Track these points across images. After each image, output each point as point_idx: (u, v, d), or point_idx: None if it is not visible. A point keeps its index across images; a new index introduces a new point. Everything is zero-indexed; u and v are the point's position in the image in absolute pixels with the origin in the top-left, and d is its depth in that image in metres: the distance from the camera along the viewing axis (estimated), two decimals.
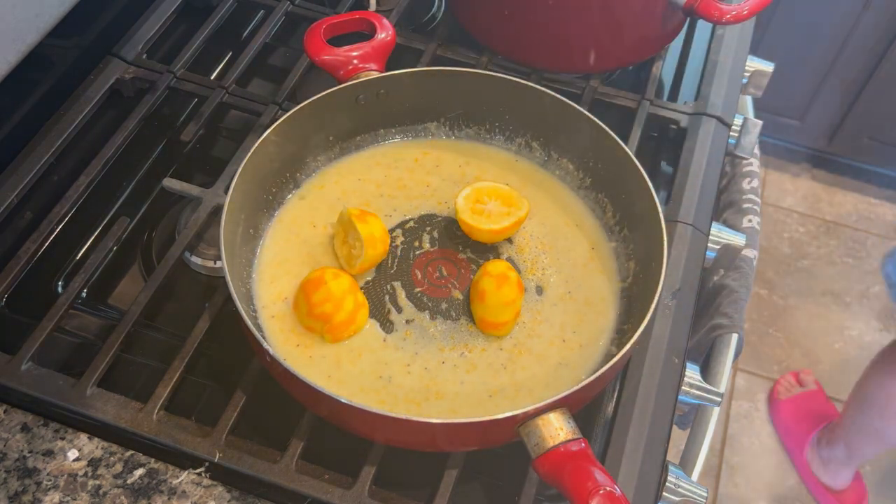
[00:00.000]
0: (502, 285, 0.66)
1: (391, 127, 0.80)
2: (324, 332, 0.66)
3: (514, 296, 0.67)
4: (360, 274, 0.71)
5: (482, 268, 0.68)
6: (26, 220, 0.78)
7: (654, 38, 0.91)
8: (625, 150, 0.71)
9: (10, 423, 0.65)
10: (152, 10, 0.94)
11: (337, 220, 0.72)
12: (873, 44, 1.89)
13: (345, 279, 0.66)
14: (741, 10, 0.83)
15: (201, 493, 0.62)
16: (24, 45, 0.73)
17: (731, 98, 0.92)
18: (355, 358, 0.66)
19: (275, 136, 0.70)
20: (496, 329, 0.68)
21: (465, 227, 0.73)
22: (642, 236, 0.70)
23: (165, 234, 0.80)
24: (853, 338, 1.98)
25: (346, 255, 0.70)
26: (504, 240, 0.75)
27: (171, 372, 0.65)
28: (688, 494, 0.67)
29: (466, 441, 0.61)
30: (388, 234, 0.72)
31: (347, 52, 0.76)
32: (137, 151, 0.84)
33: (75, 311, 0.72)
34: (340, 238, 0.71)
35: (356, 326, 0.67)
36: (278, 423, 0.64)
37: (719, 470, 1.76)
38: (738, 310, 0.86)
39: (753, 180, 0.99)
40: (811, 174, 2.29)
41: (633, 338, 0.60)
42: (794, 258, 2.12)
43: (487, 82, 0.76)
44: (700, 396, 0.73)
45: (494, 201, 0.73)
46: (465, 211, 0.72)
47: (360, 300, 0.67)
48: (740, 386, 1.89)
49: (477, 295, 0.67)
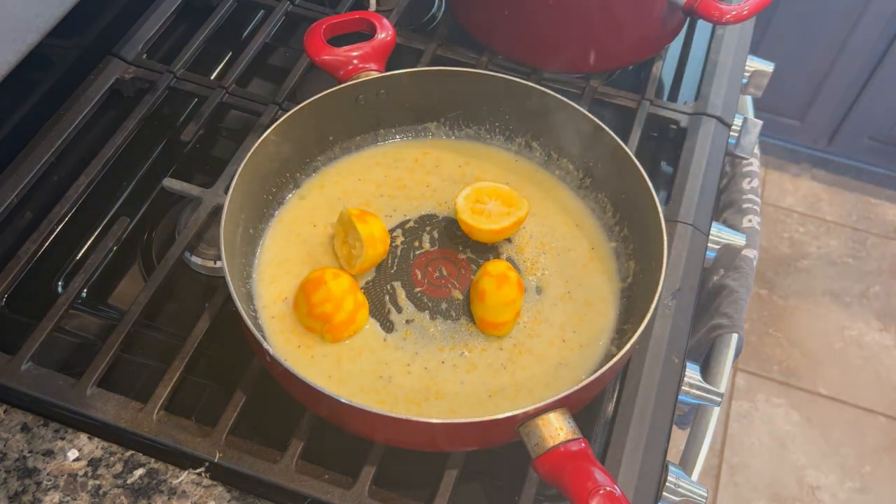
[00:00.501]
0: (502, 285, 0.66)
1: (391, 127, 0.80)
2: (324, 332, 0.66)
3: (514, 296, 0.67)
4: (360, 274, 0.71)
5: (482, 268, 0.68)
6: (26, 220, 0.78)
7: (654, 38, 0.91)
8: (625, 150, 0.71)
9: (10, 423, 0.65)
10: (152, 10, 0.94)
11: (337, 220, 0.72)
12: (873, 44, 1.89)
13: (345, 279, 0.66)
14: (741, 10, 0.83)
15: (201, 493, 0.62)
16: (24, 45, 0.73)
17: (731, 98, 0.92)
18: (355, 357, 0.66)
19: (275, 136, 0.70)
20: (496, 329, 0.68)
21: (465, 227, 0.73)
22: (642, 236, 0.70)
23: (165, 234, 0.80)
24: (853, 338, 1.98)
25: (346, 255, 0.70)
26: (504, 240, 0.75)
27: (171, 372, 0.65)
28: (688, 494, 0.67)
29: (466, 441, 0.61)
30: (389, 234, 0.72)
31: (347, 52, 0.76)
32: (137, 151, 0.84)
33: (75, 311, 0.72)
34: (340, 238, 0.71)
35: (356, 326, 0.67)
36: (278, 423, 0.64)
37: (719, 470, 1.76)
38: (738, 310, 0.86)
39: (753, 180, 0.99)
40: (811, 174, 2.28)
41: (633, 338, 0.60)
42: (794, 258, 2.12)
43: (487, 82, 0.76)
44: (700, 396, 0.73)
45: (494, 201, 0.73)
46: (464, 211, 0.72)
47: (360, 300, 0.67)
48: (740, 386, 1.89)
49: (477, 295, 0.67)
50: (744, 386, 1.89)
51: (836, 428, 1.84)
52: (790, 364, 1.93)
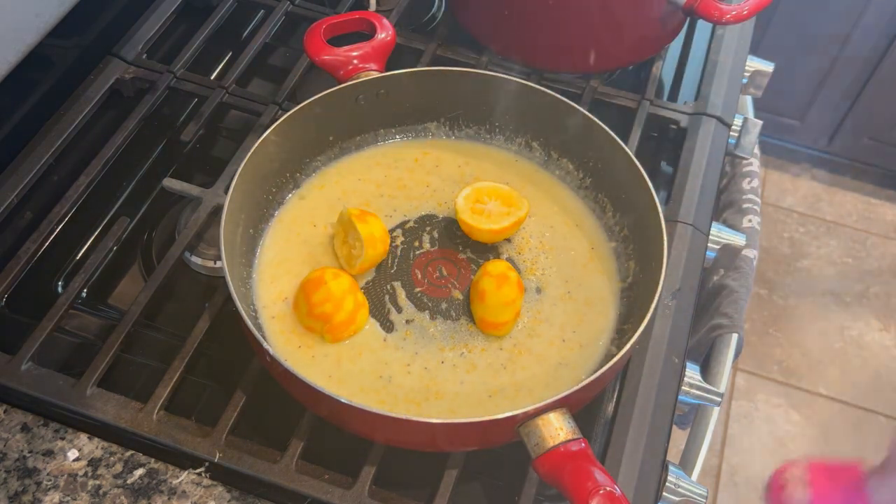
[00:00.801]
0: (502, 285, 0.66)
1: (391, 127, 0.80)
2: (324, 332, 0.66)
3: (514, 296, 0.67)
4: (360, 274, 0.71)
5: (482, 268, 0.68)
6: (26, 220, 0.78)
7: (654, 38, 0.91)
8: (625, 150, 0.71)
9: (10, 423, 0.65)
10: (152, 10, 0.94)
11: (337, 220, 0.72)
12: (873, 44, 1.89)
13: (345, 279, 0.66)
14: (741, 10, 0.83)
15: (201, 493, 0.62)
16: (24, 45, 0.73)
17: (731, 98, 0.92)
18: (355, 357, 0.66)
19: (275, 136, 0.70)
20: (496, 329, 0.68)
21: (465, 227, 0.73)
22: (642, 236, 0.70)
23: (165, 234, 0.80)
24: (853, 338, 1.98)
25: (346, 255, 0.70)
26: (504, 240, 0.75)
27: (171, 372, 0.65)
28: (688, 494, 0.67)
29: (466, 441, 0.61)
30: (388, 234, 0.72)
31: (347, 52, 0.76)
32: (137, 151, 0.84)
33: (75, 311, 0.72)
34: (340, 238, 0.71)
35: (356, 326, 0.67)
36: (278, 423, 0.64)
37: (719, 470, 1.76)
38: (738, 310, 0.86)
39: (753, 180, 0.99)
40: (811, 174, 2.28)
41: (633, 338, 0.60)
42: (794, 258, 2.12)
43: (487, 82, 0.76)
44: (700, 396, 0.73)
45: (494, 201, 0.73)
46: (465, 211, 0.72)
47: (360, 300, 0.67)
48: (740, 386, 1.89)
49: (477, 295, 0.67)
50: (744, 386, 1.89)
51: (836, 428, 1.84)
52: (790, 364, 1.93)
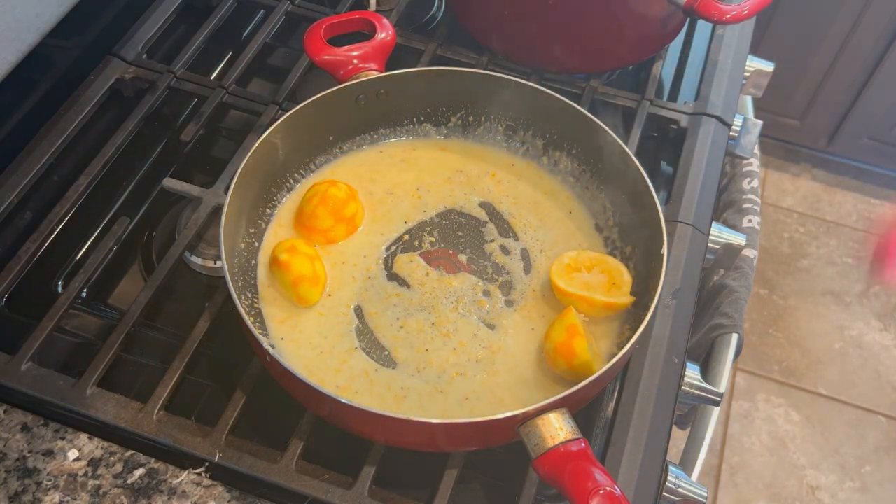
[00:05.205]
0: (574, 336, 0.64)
1: (391, 127, 0.80)
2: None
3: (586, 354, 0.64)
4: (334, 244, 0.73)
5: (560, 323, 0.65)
6: (26, 220, 0.78)
7: (654, 38, 0.91)
8: (625, 150, 0.71)
9: (10, 423, 0.65)
10: (152, 10, 0.94)
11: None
12: (873, 44, 1.89)
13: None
14: (741, 10, 0.83)
15: (201, 493, 0.62)
16: (24, 45, 0.73)
17: (731, 98, 0.92)
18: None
19: (275, 136, 0.70)
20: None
21: (557, 291, 0.70)
22: (642, 236, 0.70)
23: (165, 234, 0.80)
24: (853, 338, 1.98)
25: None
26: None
27: (171, 372, 0.65)
28: (688, 494, 0.67)
29: (466, 441, 0.61)
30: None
31: (347, 52, 0.76)
32: (137, 151, 0.84)
33: (75, 311, 0.72)
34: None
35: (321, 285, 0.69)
36: (278, 423, 0.64)
37: (719, 470, 1.76)
38: (738, 310, 0.86)
39: (753, 180, 0.99)
40: (811, 174, 2.28)
41: (633, 338, 0.60)
42: (794, 258, 2.12)
43: (487, 82, 0.77)
44: (700, 396, 0.73)
45: (599, 273, 0.70)
46: (560, 274, 0.69)
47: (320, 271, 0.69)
48: (740, 386, 1.89)
49: (568, 351, 0.64)
50: (744, 386, 1.89)
51: (836, 428, 1.84)
52: (790, 364, 1.93)
